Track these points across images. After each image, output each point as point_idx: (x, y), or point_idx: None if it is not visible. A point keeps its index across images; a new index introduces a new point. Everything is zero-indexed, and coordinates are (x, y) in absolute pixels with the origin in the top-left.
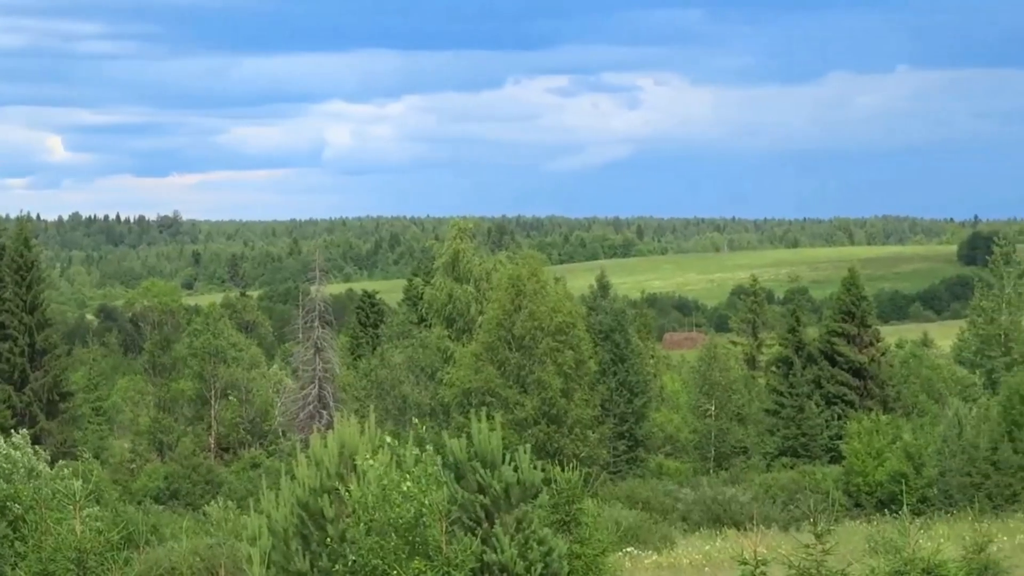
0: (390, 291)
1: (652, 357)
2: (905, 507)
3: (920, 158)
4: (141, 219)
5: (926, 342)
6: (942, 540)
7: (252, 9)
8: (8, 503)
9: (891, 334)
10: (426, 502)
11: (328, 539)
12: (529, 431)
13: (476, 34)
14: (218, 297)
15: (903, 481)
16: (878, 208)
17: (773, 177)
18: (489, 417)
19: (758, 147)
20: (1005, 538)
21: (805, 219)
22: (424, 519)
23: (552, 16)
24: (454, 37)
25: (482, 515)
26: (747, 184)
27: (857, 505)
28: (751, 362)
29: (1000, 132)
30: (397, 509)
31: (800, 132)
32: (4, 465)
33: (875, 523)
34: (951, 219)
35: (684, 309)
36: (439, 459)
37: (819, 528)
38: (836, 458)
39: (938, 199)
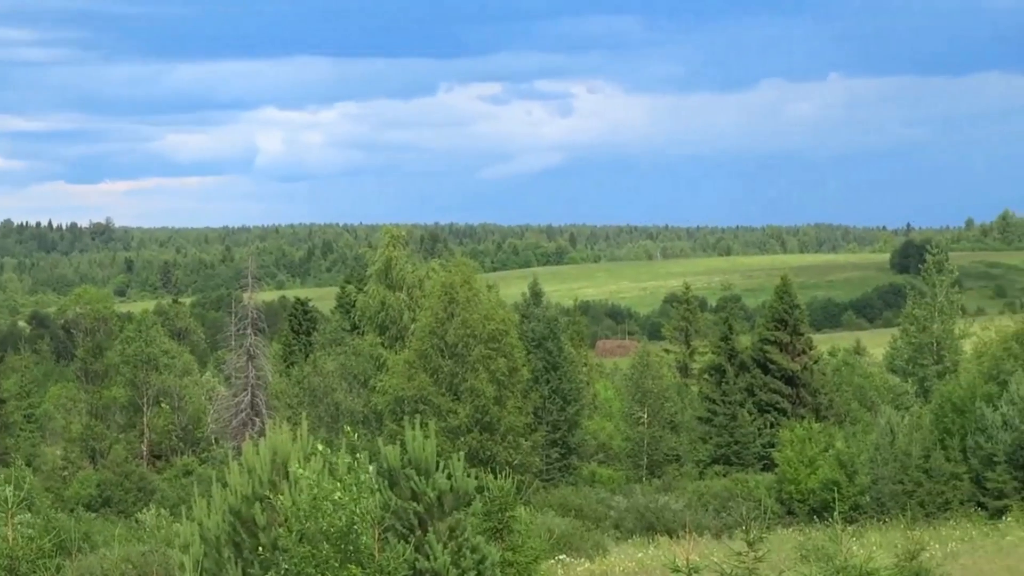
0: (323, 298)
1: (585, 365)
2: (837, 515)
3: (853, 166)
4: (73, 226)
5: (859, 350)
6: (874, 548)
7: (185, 16)
8: None
9: (824, 342)
10: (358, 510)
11: (260, 547)
12: (462, 439)
13: (409, 41)
14: (151, 304)
15: (835, 489)
16: (811, 216)
17: (706, 185)
18: (422, 425)
19: (691, 155)
20: (937, 546)
21: (738, 227)
22: (356, 527)
23: (485, 23)
24: (387, 44)
25: (415, 522)
26: (680, 192)
27: (790, 513)
28: (684, 370)
29: (932, 140)
30: (329, 517)
31: (733, 140)
32: None
33: (807, 531)
34: (884, 227)
35: (617, 317)
36: (372, 467)
37: (751, 536)
38: (769, 466)
39: (871, 207)
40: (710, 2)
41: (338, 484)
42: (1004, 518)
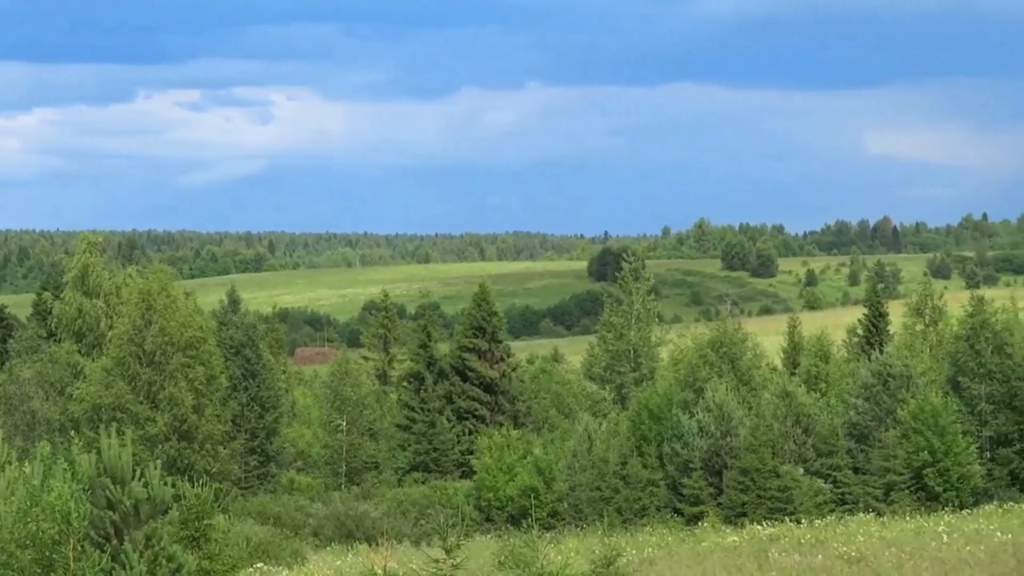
0: (19, 305)
1: (284, 372)
2: (535, 521)
3: (551, 174)
4: None
5: (556, 357)
6: (572, 554)
7: None
8: None
9: (522, 349)
10: (72, 517)
11: None
12: (160, 447)
13: (106, 47)
14: None
15: (534, 496)
16: (509, 224)
17: (405, 192)
18: (119, 433)
19: (390, 163)
20: (634, 552)
21: (437, 235)
22: (62, 535)
23: (183, 30)
24: (84, 50)
25: (111, 531)
26: (379, 199)
27: (488, 520)
28: (383, 377)
29: (630, 149)
30: (41, 524)
31: (432, 148)
32: None
33: (506, 537)
34: (581, 235)
35: (316, 324)
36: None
37: (449, 542)
38: (467, 473)
39: (569, 215)
40: (410, 11)
41: (55, 491)
42: (700, 524)
